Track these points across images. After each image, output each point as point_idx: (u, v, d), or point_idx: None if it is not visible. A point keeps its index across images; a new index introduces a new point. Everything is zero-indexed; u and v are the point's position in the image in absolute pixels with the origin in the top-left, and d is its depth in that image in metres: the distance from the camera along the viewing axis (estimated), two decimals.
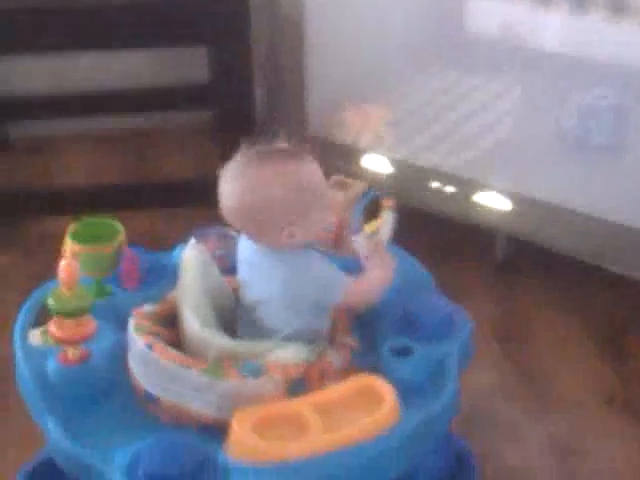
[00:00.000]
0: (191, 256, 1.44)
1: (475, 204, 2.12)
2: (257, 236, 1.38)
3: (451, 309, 1.46)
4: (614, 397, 1.89)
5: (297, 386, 1.32)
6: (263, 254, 1.38)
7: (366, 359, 1.40)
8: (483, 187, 2.10)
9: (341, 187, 1.53)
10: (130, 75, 2.58)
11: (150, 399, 1.33)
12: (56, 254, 1.69)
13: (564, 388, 1.90)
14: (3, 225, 2.30)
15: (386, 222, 1.55)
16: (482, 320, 1.96)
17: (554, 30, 2.06)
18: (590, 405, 1.86)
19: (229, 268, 1.47)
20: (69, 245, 1.46)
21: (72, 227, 1.49)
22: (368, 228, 1.49)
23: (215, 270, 1.45)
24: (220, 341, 1.34)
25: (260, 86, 2.33)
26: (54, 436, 1.29)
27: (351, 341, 1.41)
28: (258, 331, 1.40)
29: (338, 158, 2.22)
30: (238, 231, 1.42)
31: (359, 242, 1.41)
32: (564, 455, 1.75)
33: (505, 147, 2.19)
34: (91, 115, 2.66)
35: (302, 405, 1.25)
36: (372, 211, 1.55)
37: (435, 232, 2.27)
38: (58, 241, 1.69)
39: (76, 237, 1.47)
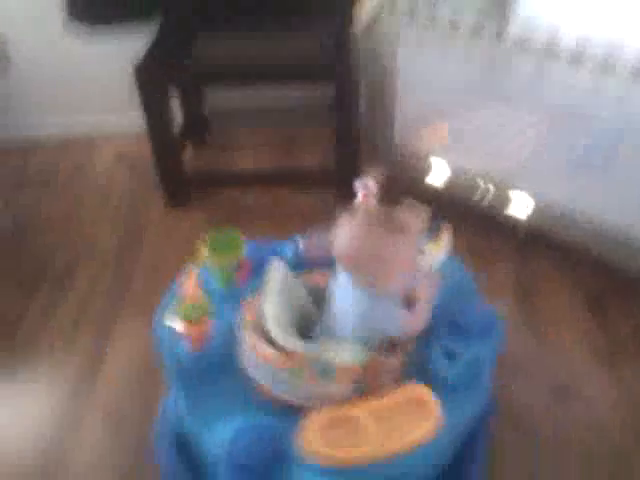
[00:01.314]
0: (273, 275, 1.21)
1: (507, 200, 1.91)
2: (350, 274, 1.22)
3: (490, 316, 1.04)
4: (599, 347, 1.71)
5: (359, 385, 1.11)
6: (352, 285, 1.17)
7: (418, 358, 1.16)
8: (514, 188, 1.91)
9: (411, 210, 1.06)
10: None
11: (252, 382, 1.17)
12: (230, 212, 1.96)
13: (559, 338, 1.74)
14: (203, 192, 2.28)
15: (445, 245, 1.28)
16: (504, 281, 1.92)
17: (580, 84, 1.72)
18: (578, 351, 1.68)
19: (328, 262, 1.25)
20: (205, 252, 1.28)
21: (210, 237, 1.31)
22: (432, 247, 1.26)
23: (297, 282, 1.23)
24: (294, 345, 1.12)
25: (366, 109, 2.26)
26: (176, 399, 1.18)
27: (409, 343, 1.19)
28: (332, 333, 1.16)
29: (415, 160, 2.04)
30: None
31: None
32: (555, 391, 1.58)
33: (532, 162, 1.93)
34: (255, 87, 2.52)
35: (360, 411, 1.09)
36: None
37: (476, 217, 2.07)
38: (235, 203, 1.97)
39: (212, 244, 1.29)
